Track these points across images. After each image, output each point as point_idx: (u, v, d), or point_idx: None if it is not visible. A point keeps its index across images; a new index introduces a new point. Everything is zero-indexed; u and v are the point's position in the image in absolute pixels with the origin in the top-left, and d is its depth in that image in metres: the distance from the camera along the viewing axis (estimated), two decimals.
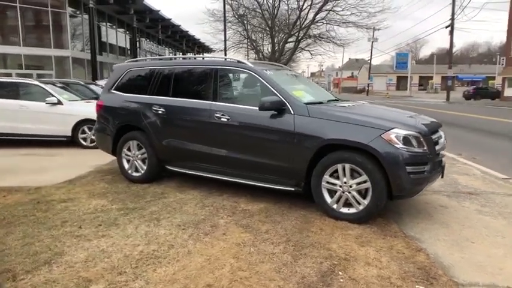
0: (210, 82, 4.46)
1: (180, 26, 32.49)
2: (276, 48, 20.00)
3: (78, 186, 4.99)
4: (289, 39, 19.51)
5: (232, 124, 4.18)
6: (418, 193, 3.69)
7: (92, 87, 11.85)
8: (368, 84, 59.07)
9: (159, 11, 26.11)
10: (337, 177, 3.67)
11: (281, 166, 3.93)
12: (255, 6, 19.80)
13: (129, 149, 5.09)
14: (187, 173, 4.72)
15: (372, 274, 2.70)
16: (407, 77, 59.55)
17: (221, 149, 4.31)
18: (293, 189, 3.95)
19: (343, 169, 3.61)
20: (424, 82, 71.59)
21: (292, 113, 3.87)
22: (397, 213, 3.97)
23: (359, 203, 3.59)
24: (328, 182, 3.72)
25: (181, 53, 44.70)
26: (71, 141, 8.50)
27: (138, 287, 2.49)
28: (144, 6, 24.45)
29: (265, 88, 4.17)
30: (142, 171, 5.00)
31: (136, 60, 5.64)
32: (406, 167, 3.40)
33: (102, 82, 14.65)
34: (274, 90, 4.07)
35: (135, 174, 5.09)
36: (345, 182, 3.62)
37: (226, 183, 4.65)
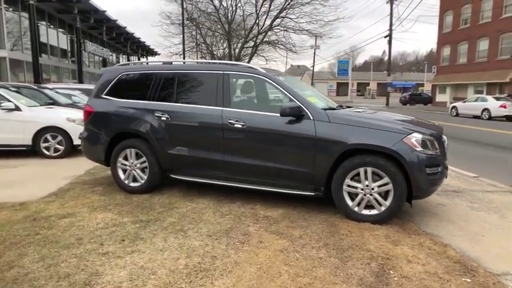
0: (220, 87, 4.38)
1: (126, 27, 31.13)
2: (232, 53, 20.08)
3: (69, 199, 4.58)
4: (246, 45, 19.72)
5: (248, 130, 4.15)
6: (432, 193, 3.96)
7: (47, 91, 10.88)
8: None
9: (105, 11, 24.78)
10: (358, 181, 3.81)
11: (301, 171, 3.98)
12: (210, 10, 19.78)
13: (125, 158, 4.79)
14: (193, 181, 4.57)
15: (419, 270, 2.86)
16: (346, 83, 62.99)
17: (234, 156, 4.25)
18: (313, 193, 4.02)
19: (365, 172, 3.76)
20: (361, 88, 76.16)
21: (312, 118, 3.95)
22: (407, 213, 4.22)
23: (380, 205, 3.76)
24: (349, 186, 3.85)
25: (125, 56, 42.82)
26: (31, 151, 7.79)
27: None
28: (90, 6, 23.04)
29: (281, 94, 4.21)
30: (142, 181, 4.73)
31: (129, 64, 5.32)
32: (426, 169, 3.65)
33: (53, 86, 13.58)
34: (291, 96, 4.12)
35: (133, 184, 4.80)
36: (367, 185, 3.77)
37: (231, 190, 4.61)
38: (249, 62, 19.92)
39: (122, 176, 4.83)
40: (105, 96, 4.96)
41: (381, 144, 3.68)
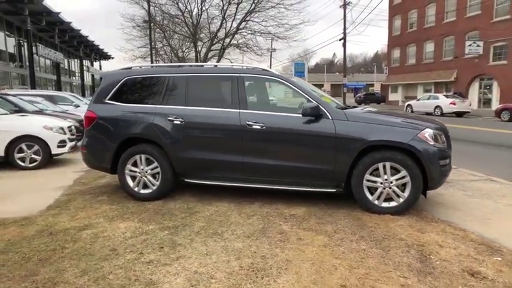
0: (235, 90, 4.40)
1: (80, 30, 29.59)
2: (198, 55, 19.87)
3: (77, 211, 4.35)
4: (212, 48, 19.61)
5: (268, 131, 4.21)
6: (442, 184, 4.27)
7: (10, 98, 10.10)
8: None
9: (59, 13, 23.39)
10: (377, 175, 4.02)
11: (323, 169, 4.12)
12: (173, 12, 19.38)
13: (134, 165, 4.63)
14: (210, 184, 4.54)
15: (454, 254, 3.10)
16: None
17: (254, 157, 4.29)
18: (334, 190, 4.17)
19: (384, 167, 3.98)
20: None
21: (330, 117, 4.10)
22: (416, 203, 4.51)
23: (399, 197, 4.00)
24: (368, 180, 4.05)
25: (77, 60, 40.70)
26: (3, 163, 7.26)
27: None
28: (43, 7, 21.61)
29: (298, 95, 4.33)
30: (154, 188, 4.60)
31: (131, 68, 5.14)
32: (439, 161, 3.94)
33: (15, 92, 12.67)
34: (308, 97, 4.25)
35: (143, 191, 4.65)
36: (386, 179, 3.99)
37: (246, 192, 4.65)
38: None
39: (130, 183, 4.66)
40: (108, 101, 4.77)
41: (399, 140, 3.92)
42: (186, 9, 18.30)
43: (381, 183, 4.01)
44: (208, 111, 4.44)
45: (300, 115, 4.19)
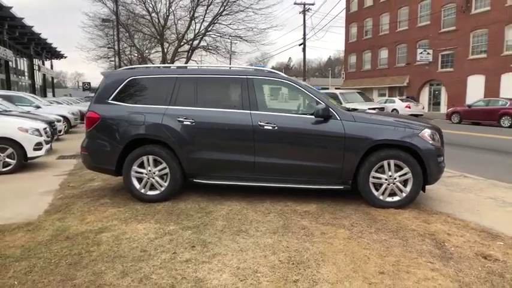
0: (245, 91, 4.50)
1: (32, 27, 27.70)
2: (166, 57, 19.47)
3: (83, 215, 4.20)
4: (180, 49, 19.33)
5: (280, 131, 4.35)
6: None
7: None
8: None
9: (11, 7, 21.76)
10: (382, 172, 4.32)
11: (332, 167, 4.34)
12: (138, 12, 18.85)
13: (141, 166, 4.56)
14: (219, 184, 4.59)
15: (463, 240, 3.44)
16: None
17: (266, 156, 4.41)
18: (342, 187, 4.41)
19: (388, 164, 4.29)
20: (274, 92, 79.78)
21: (339, 118, 4.34)
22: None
23: (402, 192, 4.32)
24: (374, 177, 4.33)
25: (27, 59, 38.06)
26: None
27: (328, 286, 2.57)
28: None
29: (307, 97, 4.53)
30: (162, 189, 4.56)
31: (134, 68, 5.04)
32: (437, 158, 4.32)
33: None
34: (317, 99, 4.46)
35: (150, 193, 4.59)
36: (390, 176, 4.30)
37: (253, 191, 4.77)
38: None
39: (137, 185, 4.58)
40: (112, 102, 4.66)
41: (403, 139, 4.25)
42: (154, 10, 17.96)
43: (386, 179, 4.31)
44: (219, 112, 4.49)
45: (310, 116, 4.39)
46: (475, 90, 25.45)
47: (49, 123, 9.04)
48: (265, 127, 4.36)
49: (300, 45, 40.03)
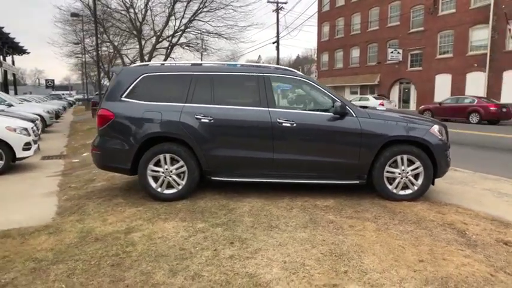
0: (263, 89, 4.54)
1: None
2: (144, 53, 18.99)
3: (102, 216, 4.10)
4: (158, 46, 18.90)
5: (298, 128, 4.44)
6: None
7: None
8: None
9: None
10: (395, 166, 4.52)
11: (349, 163, 4.48)
12: (114, 7, 18.18)
13: (157, 164, 4.50)
14: (237, 181, 4.61)
15: (480, 229, 3.68)
16: None
17: (284, 153, 4.48)
18: (358, 181, 4.56)
19: (401, 159, 4.49)
20: None
21: (355, 115, 4.49)
22: None
23: (414, 185, 4.54)
24: (387, 171, 4.52)
25: None
26: None
27: (369, 278, 2.69)
28: None
29: (323, 94, 4.64)
30: (180, 187, 4.52)
31: (148, 65, 4.93)
32: (446, 153, 4.57)
33: None
34: (333, 97, 4.58)
35: (167, 191, 4.54)
36: (403, 170, 4.51)
37: (269, 187, 4.84)
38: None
39: (153, 184, 4.51)
40: (125, 99, 4.55)
41: (415, 135, 4.46)
42: (131, 5, 17.42)
43: (399, 173, 4.51)
44: (238, 110, 4.51)
45: (326, 113, 4.51)
46: (442, 88, 26.77)
47: (32, 122, 8.64)
48: (284, 124, 4.43)
49: (273, 43, 40.41)
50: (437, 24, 27.15)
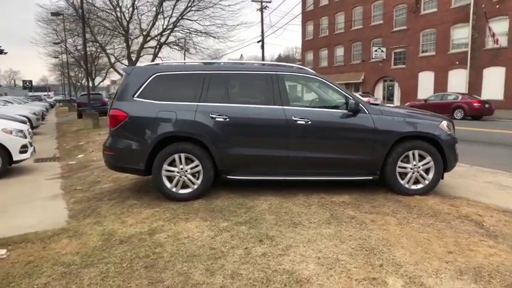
0: (276, 87, 4.55)
1: None
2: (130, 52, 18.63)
3: (119, 218, 4.03)
4: (145, 46, 18.58)
5: (313, 126, 4.47)
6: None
7: None
8: None
9: None
10: (407, 162, 4.61)
11: (363, 159, 4.55)
12: (101, 7, 17.73)
13: (171, 164, 4.45)
14: (252, 179, 4.62)
15: (495, 220, 3.80)
16: None
17: (300, 150, 4.50)
18: (371, 177, 4.64)
19: (413, 154, 4.59)
20: None
21: (368, 112, 4.56)
22: None
23: (425, 180, 4.65)
24: (400, 167, 4.61)
25: None
26: None
27: (405, 270, 2.75)
28: None
29: (335, 92, 4.69)
30: (195, 187, 4.49)
31: (158, 64, 4.86)
32: (454, 147, 4.70)
33: None
34: (346, 94, 4.64)
35: (182, 191, 4.50)
36: (415, 165, 4.61)
37: (282, 185, 4.87)
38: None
39: (168, 184, 4.47)
40: (138, 99, 4.48)
41: (426, 130, 4.57)
42: (118, 5, 17.05)
43: (411, 168, 4.61)
44: (253, 108, 4.51)
45: (339, 110, 4.57)
46: (425, 85, 27.43)
47: (22, 123, 8.40)
48: (299, 122, 4.46)
49: (258, 42, 40.45)
50: (420, 23, 27.78)
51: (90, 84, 32.59)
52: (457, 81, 25.02)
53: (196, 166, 4.46)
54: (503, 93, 22.59)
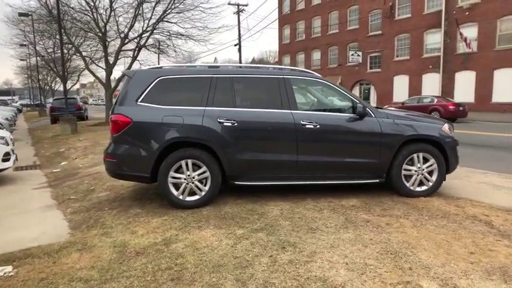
0: (284, 91, 4.52)
1: None
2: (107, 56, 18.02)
3: (130, 227, 3.87)
4: (123, 48, 18.04)
5: (321, 130, 4.46)
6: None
7: None
8: None
9: None
10: (412, 164, 4.69)
11: (370, 162, 4.59)
12: (76, 7, 17.05)
13: (178, 171, 4.32)
14: (261, 185, 4.55)
15: (503, 219, 3.92)
16: None
17: (308, 155, 4.48)
18: (378, 180, 4.68)
19: (418, 157, 4.68)
20: None
21: (374, 116, 4.61)
22: None
23: (429, 181, 4.74)
24: (405, 169, 4.69)
25: None
26: None
27: (435, 272, 2.78)
28: None
29: (341, 95, 4.71)
30: (203, 193, 4.37)
31: (162, 67, 4.70)
32: (455, 149, 4.83)
33: None
34: (352, 98, 4.67)
35: (189, 198, 4.37)
36: (419, 167, 4.69)
37: (289, 190, 4.83)
38: (130, 66, 18.40)
39: (174, 191, 4.32)
40: (142, 104, 4.32)
41: (430, 133, 4.67)
42: (95, 6, 16.47)
43: (415, 171, 4.69)
44: (262, 113, 4.45)
45: (347, 114, 4.60)
46: (400, 89, 28.29)
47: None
48: (307, 126, 4.44)
49: (235, 45, 40.45)
50: (395, 28, 28.67)
51: (61, 89, 31.46)
52: (431, 84, 25.96)
53: (204, 172, 4.35)
54: (474, 96, 23.63)
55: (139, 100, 4.34)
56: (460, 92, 24.08)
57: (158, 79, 4.42)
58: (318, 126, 4.46)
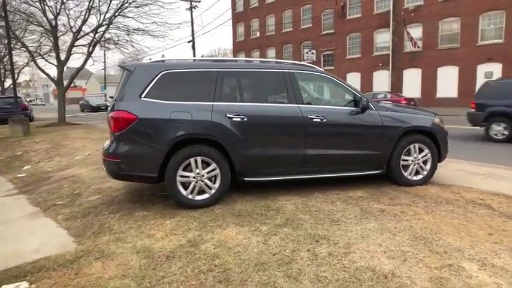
0: (290, 85, 4.49)
1: None
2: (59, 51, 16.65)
3: (146, 230, 3.63)
4: (76, 43, 16.79)
5: (328, 124, 4.51)
6: None
7: None
8: (105, 94, 57.30)
9: None
10: (408, 155, 4.92)
11: (373, 154, 4.73)
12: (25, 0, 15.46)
13: (186, 169, 4.13)
14: (270, 180, 4.50)
15: (504, 205, 4.19)
16: None
17: (316, 148, 4.51)
18: (379, 171, 4.84)
19: (414, 147, 4.91)
20: None
21: (375, 109, 4.75)
22: None
23: (424, 170, 5.00)
24: (403, 160, 4.90)
25: None
26: None
27: (468, 253, 2.94)
28: None
29: (344, 89, 4.80)
30: (212, 191, 4.21)
31: (164, 61, 4.41)
32: (446, 140, 5.14)
33: None
34: (355, 92, 4.78)
35: (199, 197, 4.20)
36: (416, 157, 4.93)
37: (295, 184, 4.84)
38: (84, 64, 17.15)
39: (183, 191, 4.13)
40: (146, 99, 4.06)
41: (425, 125, 4.92)
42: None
43: (412, 161, 4.93)
44: (270, 107, 4.40)
45: (350, 108, 4.70)
46: (353, 85, 29.41)
47: None
48: (315, 120, 4.47)
49: (189, 42, 39.61)
50: (346, 27, 29.85)
51: None
52: (381, 81, 27.43)
53: (214, 170, 4.20)
54: (420, 92, 25.38)
55: (143, 95, 4.07)
56: (408, 88, 25.73)
57: (162, 73, 4.18)
58: (324, 120, 4.50)
